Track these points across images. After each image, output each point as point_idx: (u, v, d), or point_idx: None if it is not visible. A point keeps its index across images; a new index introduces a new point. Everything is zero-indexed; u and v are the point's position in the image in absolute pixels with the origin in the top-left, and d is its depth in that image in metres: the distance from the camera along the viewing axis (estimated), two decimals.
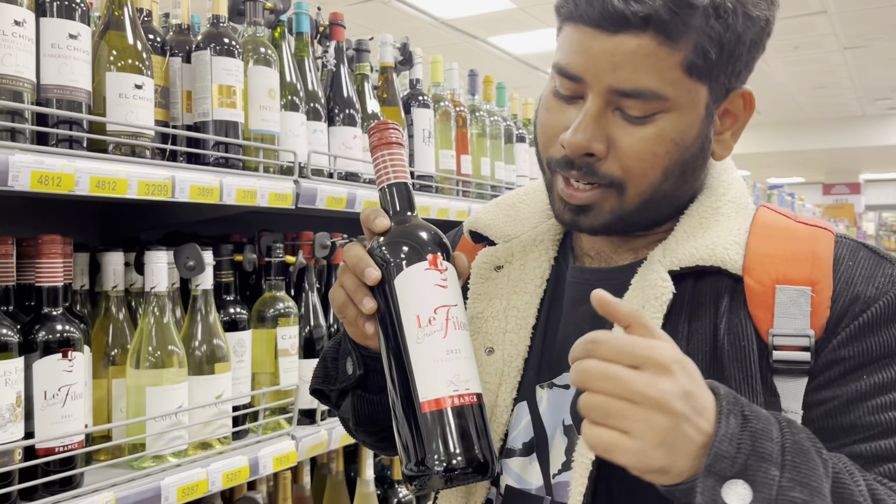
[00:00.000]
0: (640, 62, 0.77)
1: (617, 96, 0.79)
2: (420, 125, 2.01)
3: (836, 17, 7.08)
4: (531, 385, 0.91)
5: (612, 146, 0.81)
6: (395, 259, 0.80)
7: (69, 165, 1.13)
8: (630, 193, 0.82)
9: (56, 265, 1.19)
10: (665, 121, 0.80)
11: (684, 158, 0.82)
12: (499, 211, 1.02)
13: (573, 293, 0.92)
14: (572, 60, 0.81)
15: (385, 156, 0.84)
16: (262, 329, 1.59)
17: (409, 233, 0.82)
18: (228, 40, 1.44)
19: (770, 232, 0.83)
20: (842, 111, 11.97)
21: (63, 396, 1.16)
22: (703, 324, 0.81)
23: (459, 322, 0.78)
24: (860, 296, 0.77)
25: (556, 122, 0.84)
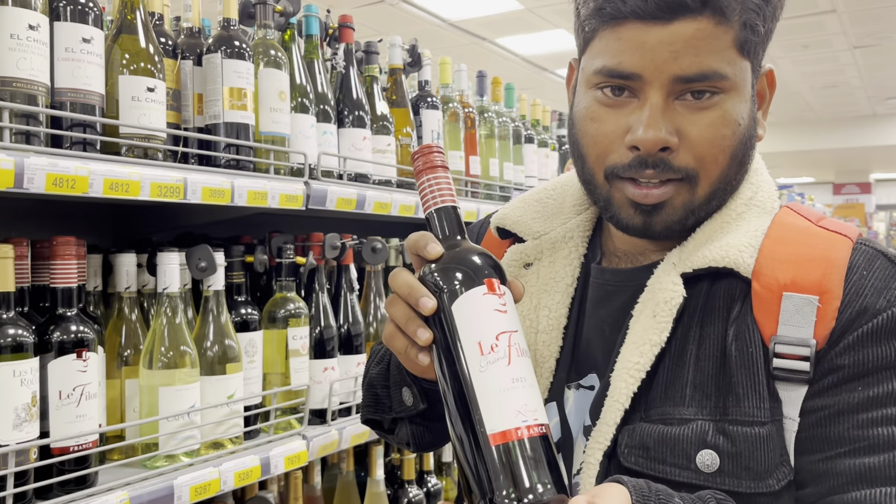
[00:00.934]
0: (701, 45, 0.76)
1: (681, 84, 0.78)
2: (429, 126, 2.02)
3: (845, 17, 7.05)
4: (560, 385, 0.91)
5: (682, 137, 0.80)
6: (451, 285, 0.75)
7: (83, 168, 1.14)
8: (702, 184, 0.82)
9: (70, 266, 1.20)
10: (726, 102, 0.79)
11: (745, 139, 0.82)
12: (527, 207, 1.00)
13: (595, 294, 0.91)
14: (624, 59, 0.79)
15: (431, 180, 0.80)
16: (273, 329, 1.60)
17: (462, 258, 0.77)
18: (239, 43, 1.45)
19: (786, 235, 0.82)
20: (852, 111, 11.91)
21: (77, 396, 1.18)
22: (715, 328, 0.81)
23: (521, 349, 0.73)
24: (868, 308, 0.75)
25: (610, 129, 0.82)
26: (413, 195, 1.88)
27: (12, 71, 1.11)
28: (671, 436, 0.78)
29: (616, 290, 0.89)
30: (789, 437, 0.77)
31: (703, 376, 0.79)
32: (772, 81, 0.88)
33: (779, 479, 0.75)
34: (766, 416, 0.76)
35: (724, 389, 0.78)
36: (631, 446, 0.80)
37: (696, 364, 0.80)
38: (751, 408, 0.77)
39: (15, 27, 1.11)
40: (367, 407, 1.00)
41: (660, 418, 0.80)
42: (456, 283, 0.75)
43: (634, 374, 0.80)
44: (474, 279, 0.75)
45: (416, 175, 0.82)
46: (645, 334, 0.81)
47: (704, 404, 0.78)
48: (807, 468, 0.76)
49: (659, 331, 0.81)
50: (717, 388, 0.79)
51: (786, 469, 0.76)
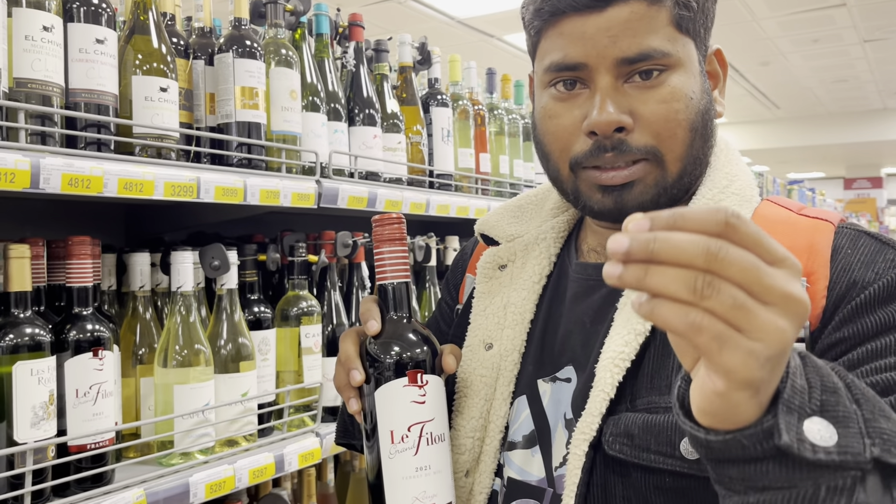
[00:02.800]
0: (637, 26, 0.80)
1: (626, 66, 0.81)
2: (439, 124, 2.02)
3: (855, 10, 7.00)
4: (531, 379, 0.92)
5: (636, 117, 0.82)
6: (378, 370, 0.82)
7: (98, 168, 1.15)
8: (668, 159, 0.83)
9: (86, 266, 1.21)
10: (674, 78, 0.82)
11: (701, 112, 0.84)
12: (505, 213, 1.04)
13: (576, 288, 0.93)
14: (569, 51, 0.82)
15: (385, 253, 0.85)
16: (286, 328, 1.61)
17: (396, 341, 0.83)
18: (250, 42, 1.46)
19: (768, 226, 0.83)
20: (862, 105, 11.83)
21: (94, 395, 1.19)
22: None
23: (434, 437, 0.81)
24: (858, 281, 0.76)
25: (567, 122, 0.85)
26: (424, 193, 1.89)
27: (27, 72, 1.11)
28: (655, 424, 0.78)
29: (597, 284, 0.91)
30: None
31: None
32: (722, 61, 0.91)
33: None
34: None
35: None
36: (615, 434, 0.80)
37: None
38: None
39: (29, 29, 1.12)
40: (338, 431, 1.09)
41: (645, 407, 0.80)
42: (381, 369, 0.82)
43: (619, 363, 0.81)
44: (400, 369, 0.81)
45: (376, 242, 0.85)
46: (629, 323, 0.82)
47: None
48: None
49: (644, 320, 0.81)
50: None
51: None
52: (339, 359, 0.86)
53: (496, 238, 1.02)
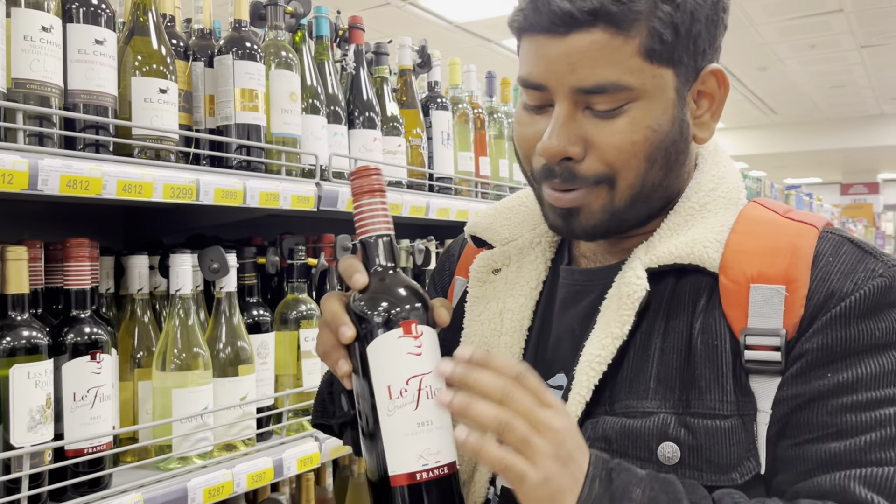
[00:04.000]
0: (596, 57, 0.78)
1: (583, 95, 0.80)
2: (439, 127, 2.02)
3: (852, 16, 7.03)
4: None
5: (589, 145, 0.81)
6: (368, 324, 0.76)
7: (97, 169, 1.14)
8: (620, 186, 0.82)
9: (84, 268, 1.20)
10: (636, 109, 0.80)
11: (665, 144, 0.82)
12: (497, 215, 1.02)
13: (563, 294, 0.92)
14: (533, 70, 0.82)
15: (366, 205, 0.79)
16: (285, 331, 1.60)
17: (386, 293, 0.77)
18: (250, 44, 1.45)
19: (752, 228, 0.82)
20: (859, 110, 11.87)
21: (92, 398, 1.17)
22: (680, 322, 0.81)
23: (433, 390, 0.75)
24: (836, 292, 0.75)
25: (530, 134, 0.85)
26: (423, 196, 1.88)
27: (26, 72, 1.11)
28: (633, 428, 0.78)
29: (585, 290, 0.90)
30: (761, 430, 0.76)
31: (667, 369, 0.80)
32: (722, 81, 0.86)
33: (742, 474, 0.75)
34: (729, 410, 0.76)
35: (688, 383, 0.79)
36: (593, 439, 0.80)
37: (661, 357, 0.80)
38: (713, 401, 0.77)
39: (28, 29, 1.11)
40: (315, 411, 1.05)
41: (623, 412, 0.80)
42: (373, 323, 0.76)
43: (596, 366, 0.81)
44: (391, 320, 0.76)
45: (354, 196, 0.80)
46: (608, 328, 0.82)
47: (668, 397, 0.79)
48: (779, 455, 0.76)
49: (621, 324, 0.81)
50: (682, 382, 0.79)
51: (751, 463, 0.75)
52: (324, 319, 0.79)
53: (490, 241, 1.00)
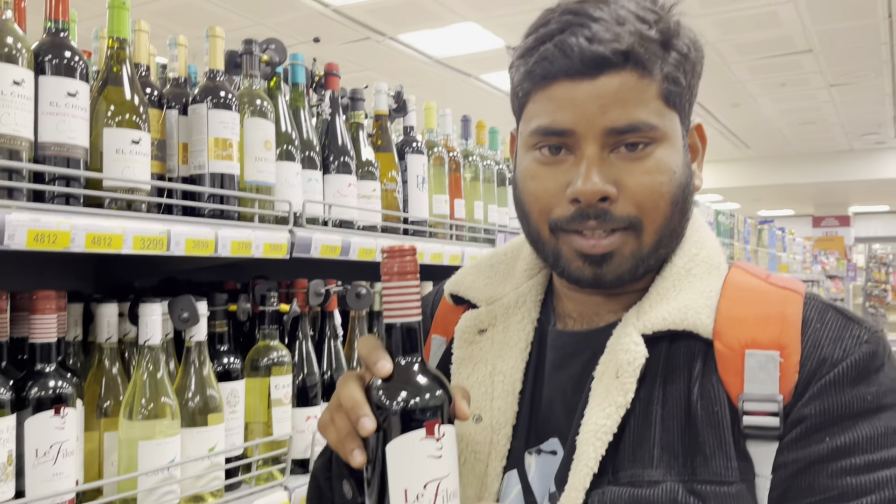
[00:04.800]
0: (627, 97, 0.80)
1: (613, 136, 0.81)
2: (414, 171, 2.03)
3: (821, 56, 7.22)
4: (519, 452, 0.90)
5: (620, 187, 0.82)
6: (391, 419, 0.73)
7: (65, 223, 1.13)
8: (647, 231, 0.83)
9: (50, 321, 1.19)
10: (660, 151, 0.82)
11: (682, 187, 0.85)
12: (479, 273, 1.01)
13: (554, 357, 0.91)
14: (557, 117, 0.82)
15: (400, 288, 0.76)
16: (256, 378, 1.59)
17: (411, 386, 0.74)
18: (225, 93, 1.46)
19: (741, 295, 0.84)
20: (830, 146, 12.14)
21: (54, 454, 1.16)
22: (678, 388, 0.81)
23: (449, 493, 0.73)
24: (827, 358, 0.78)
25: (550, 185, 0.84)
26: (397, 239, 1.89)
27: None
28: (642, 498, 0.77)
29: (575, 353, 0.90)
30: (762, 495, 0.77)
31: (669, 437, 0.80)
32: (702, 135, 0.92)
33: None
34: (734, 476, 0.77)
35: (692, 449, 0.79)
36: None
37: (663, 424, 0.80)
38: (719, 467, 0.77)
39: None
40: (310, 500, 0.99)
41: (629, 481, 0.79)
42: (395, 419, 0.73)
43: (602, 436, 0.80)
44: (415, 419, 0.73)
45: (385, 276, 0.77)
46: (609, 395, 0.81)
47: (672, 465, 0.79)
48: None
49: (624, 392, 0.81)
50: (685, 448, 0.79)
51: None
52: (342, 404, 0.76)
53: (473, 300, 0.98)
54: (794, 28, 6.37)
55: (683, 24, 0.85)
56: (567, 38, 0.80)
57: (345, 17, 6.07)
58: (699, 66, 0.87)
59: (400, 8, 5.86)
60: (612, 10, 0.81)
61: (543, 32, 0.83)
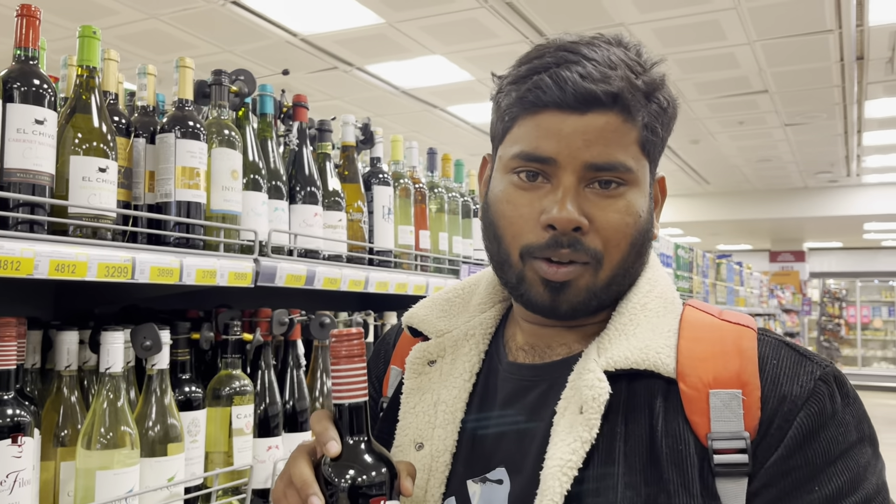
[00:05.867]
0: (610, 137, 0.84)
1: (591, 171, 0.84)
2: (380, 202, 2.06)
3: (777, 96, 7.46)
4: (461, 479, 0.91)
5: (591, 220, 0.85)
6: (339, 496, 0.78)
7: (29, 249, 1.13)
8: (604, 268, 0.86)
9: (9, 349, 1.18)
10: (630, 194, 0.86)
11: (643, 231, 0.88)
12: (434, 307, 1.04)
13: (509, 388, 0.93)
14: (542, 144, 0.85)
15: (343, 370, 0.82)
16: (217, 407, 1.58)
17: (357, 465, 0.80)
18: (193, 123, 1.47)
19: (697, 333, 0.87)
20: (785, 183, 12.48)
21: (11, 483, 1.14)
22: (640, 425, 0.83)
23: None
24: (787, 396, 0.80)
25: (526, 211, 0.87)
26: (363, 270, 1.90)
27: None
28: None
29: (530, 385, 0.92)
30: None
31: (632, 473, 0.81)
32: (663, 188, 0.96)
33: None
34: None
35: (655, 487, 0.80)
36: None
37: (626, 461, 0.82)
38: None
39: None
40: None
41: None
42: (343, 496, 0.78)
43: (567, 471, 0.81)
44: (361, 496, 0.78)
45: (333, 359, 0.82)
46: (574, 430, 0.83)
47: (636, 501, 0.80)
48: None
49: (589, 427, 0.82)
50: (647, 486, 0.80)
51: None
52: (293, 481, 0.80)
53: (425, 332, 1.01)
54: (751, 69, 6.58)
55: (666, 82, 0.90)
56: (562, 71, 0.84)
57: (313, 47, 6.11)
58: (673, 121, 0.92)
59: (368, 39, 5.93)
60: (605, 54, 0.85)
61: (538, 64, 0.86)
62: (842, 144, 9.60)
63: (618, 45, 0.89)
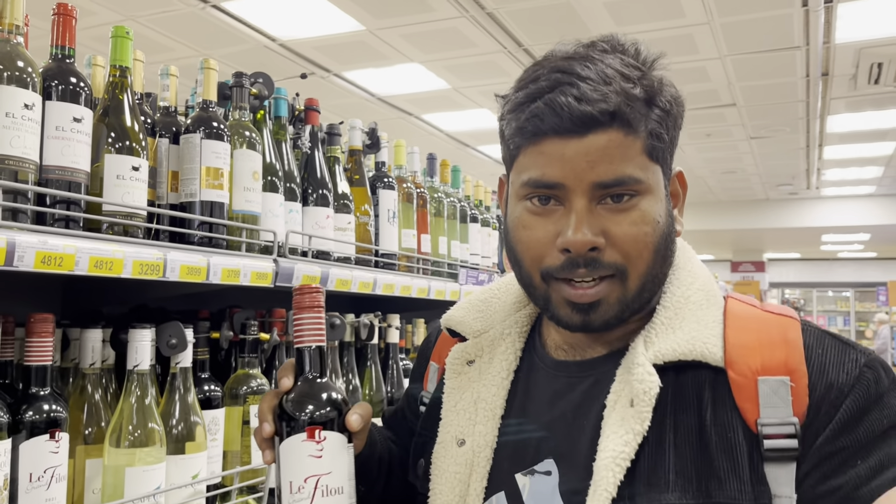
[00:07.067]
0: (614, 153, 0.85)
1: (600, 189, 0.86)
2: (385, 205, 2.08)
3: (743, 110, 7.67)
4: (507, 475, 0.94)
5: (607, 237, 0.87)
6: (283, 426, 0.89)
7: (71, 246, 1.14)
8: (631, 277, 0.88)
9: (47, 344, 1.18)
10: (644, 203, 0.88)
11: (665, 235, 0.90)
12: (471, 308, 1.08)
13: (556, 385, 0.96)
14: (547, 171, 0.87)
15: (305, 319, 0.92)
16: (235, 406, 1.59)
17: (304, 398, 0.90)
18: (218, 124, 1.49)
19: (743, 324, 0.90)
20: (748, 195, 12.78)
21: (48, 479, 1.14)
22: (689, 416, 0.86)
23: (330, 489, 0.87)
24: (834, 383, 0.84)
25: (541, 235, 0.90)
26: (371, 272, 1.93)
27: (6, 149, 1.11)
28: None
29: (578, 381, 0.95)
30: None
31: (683, 462, 0.84)
32: (683, 182, 0.98)
33: None
34: (748, 499, 0.82)
35: (706, 474, 0.83)
36: None
37: (676, 450, 0.85)
38: (733, 490, 0.82)
39: (11, 106, 1.12)
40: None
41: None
42: (286, 424, 0.89)
43: (621, 462, 0.84)
44: (298, 426, 0.88)
45: (296, 309, 0.92)
46: (626, 423, 0.86)
47: (687, 489, 0.83)
48: None
49: (641, 420, 0.85)
50: (697, 473, 0.83)
51: None
52: (258, 413, 0.91)
53: (463, 333, 1.05)
54: (721, 83, 6.76)
55: (666, 81, 0.91)
56: (557, 96, 0.85)
57: (290, 52, 6.11)
58: (680, 119, 0.93)
59: (347, 46, 5.94)
60: (599, 69, 0.86)
61: (534, 89, 0.87)
62: (803, 158, 9.88)
63: (613, 52, 0.89)
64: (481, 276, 2.52)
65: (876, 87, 6.77)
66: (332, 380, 0.95)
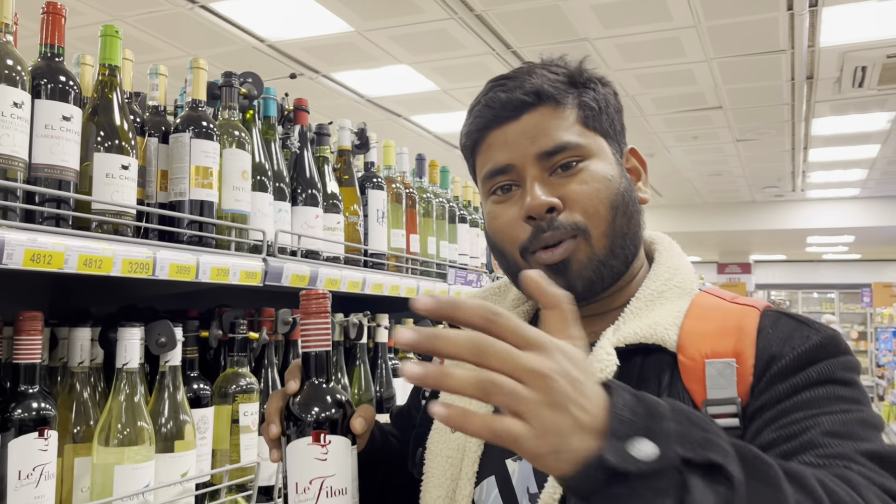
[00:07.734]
0: (549, 125, 0.95)
1: (546, 158, 0.95)
2: (374, 205, 2.09)
3: (730, 113, 7.72)
4: (499, 459, 0.97)
5: (564, 199, 0.94)
6: (289, 428, 0.92)
7: (60, 244, 1.14)
8: (595, 236, 0.94)
9: (35, 342, 1.19)
10: (592, 164, 0.96)
11: (621, 192, 0.96)
12: (487, 295, 1.14)
13: None
14: (497, 157, 0.97)
15: (311, 324, 0.94)
16: (224, 405, 1.59)
17: (309, 403, 0.92)
18: (207, 123, 1.49)
19: (703, 313, 0.93)
20: (734, 197, 12.86)
21: (37, 476, 1.14)
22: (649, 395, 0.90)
23: (334, 490, 0.89)
24: (775, 355, 0.85)
25: (509, 217, 0.97)
26: (360, 272, 1.94)
27: None
28: None
29: None
30: None
31: None
32: (638, 157, 1.06)
33: None
34: None
35: None
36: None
37: None
38: None
39: (0, 104, 1.12)
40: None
41: None
42: (293, 427, 0.91)
43: None
44: (304, 429, 0.91)
45: (303, 314, 0.94)
46: None
47: None
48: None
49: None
50: None
51: None
52: (265, 414, 0.94)
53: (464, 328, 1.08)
54: (707, 86, 6.81)
55: (587, 68, 1.01)
56: (490, 97, 0.98)
57: (279, 53, 6.10)
58: (611, 97, 1.02)
59: (336, 47, 5.94)
60: (529, 70, 0.99)
61: (474, 104, 1.01)
62: (789, 160, 9.96)
63: (554, 65, 1.01)
64: (470, 276, 2.54)
65: (860, 90, 6.84)
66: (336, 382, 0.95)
